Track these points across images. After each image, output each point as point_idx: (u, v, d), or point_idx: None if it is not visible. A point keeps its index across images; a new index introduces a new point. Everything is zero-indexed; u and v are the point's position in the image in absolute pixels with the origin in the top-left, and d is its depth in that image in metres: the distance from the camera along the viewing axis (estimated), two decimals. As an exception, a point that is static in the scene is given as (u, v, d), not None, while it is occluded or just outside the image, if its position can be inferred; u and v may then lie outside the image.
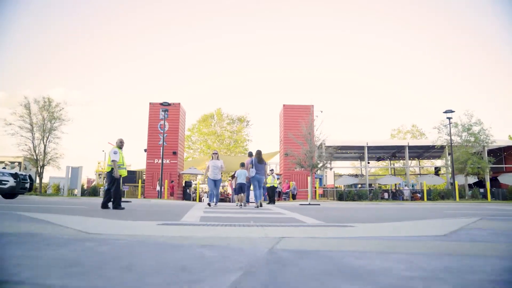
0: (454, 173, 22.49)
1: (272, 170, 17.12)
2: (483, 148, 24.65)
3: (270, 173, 15.23)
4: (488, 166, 23.66)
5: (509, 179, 26.01)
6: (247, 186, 11.21)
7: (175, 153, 24.10)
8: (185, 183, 26.03)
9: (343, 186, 29.19)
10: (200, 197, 23.77)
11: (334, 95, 76.99)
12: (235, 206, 10.59)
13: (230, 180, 24.71)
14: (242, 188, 10.72)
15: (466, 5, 66.39)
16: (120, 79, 76.88)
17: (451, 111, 21.60)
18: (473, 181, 26.85)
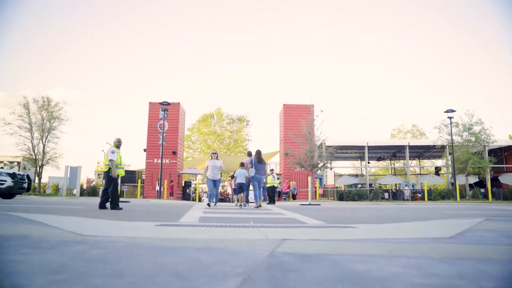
0: (455, 173, 22.38)
1: (272, 170, 17.02)
2: (483, 148, 24.54)
3: (270, 173, 15.13)
4: (489, 166, 23.56)
5: (510, 179, 25.90)
6: (247, 186, 11.11)
7: (174, 153, 24.00)
8: (184, 183, 25.94)
9: (343, 186, 29.08)
10: (199, 197, 23.67)
11: (334, 95, 76.97)
12: (235, 206, 10.50)
13: (230, 180, 24.61)
14: (242, 188, 10.65)
15: (466, 5, 66.29)
16: (120, 79, 76.87)
17: (452, 111, 21.46)
18: (474, 181, 26.74)
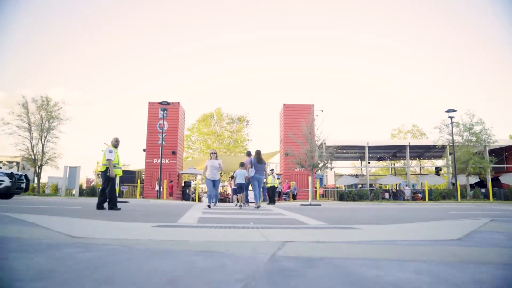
0: (456, 173, 22.27)
1: (272, 170, 16.92)
2: (484, 148, 24.42)
3: (270, 173, 15.03)
4: (490, 166, 23.44)
5: (511, 179, 25.79)
6: (246, 186, 11.02)
7: (174, 153, 23.89)
8: (184, 183, 25.83)
9: (344, 186, 28.98)
10: (199, 197, 23.57)
11: (334, 95, 76.86)
12: (235, 206, 10.40)
13: (230, 180, 24.50)
14: (242, 188, 10.55)
15: (466, 5, 66.21)
16: (120, 79, 76.73)
17: (453, 110, 21.32)
18: (475, 181, 26.62)
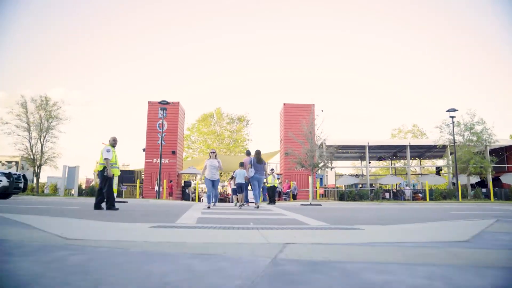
0: (457, 173, 22.17)
1: (272, 170, 16.83)
2: (485, 148, 24.32)
3: (270, 173, 14.94)
4: (491, 165, 23.34)
5: (512, 178, 25.71)
6: (246, 186, 10.93)
7: (174, 153, 23.80)
8: (184, 183, 25.73)
9: (344, 186, 28.89)
10: (199, 197, 23.47)
11: (334, 95, 76.69)
12: (234, 206, 10.32)
13: (229, 180, 24.41)
14: (241, 188, 10.47)
15: (466, 5, 66.10)
16: (120, 79, 76.55)
17: (454, 110, 21.21)
18: (475, 181, 26.51)
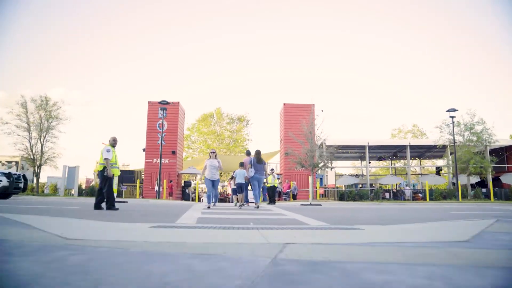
0: (457, 173, 22.15)
1: (272, 170, 16.83)
2: (485, 148, 24.31)
3: (270, 173, 14.94)
4: (491, 165, 23.33)
5: (512, 178, 25.70)
6: (246, 186, 10.93)
7: (174, 153, 23.80)
8: (184, 183, 25.73)
9: (344, 186, 28.88)
10: (199, 197, 23.46)
11: (334, 95, 76.68)
12: (234, 206, 10.32)
13: (229, 180, 24.41)
14: (241, 188, 10.47)
15: (466, 5, 66.09)
16: (120, 79, 76.54)
17: (455, 110, 21.19)
18: (475, 181, 26.51)
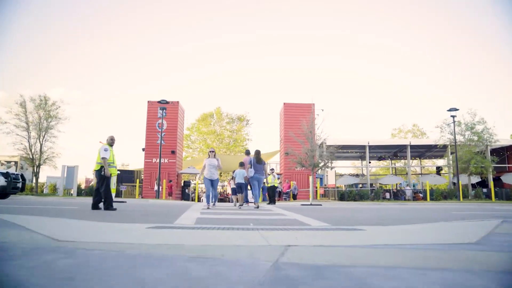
0: (458, 173, 22.05)
1: (272, 170, 16.73)
2: (486, 148, 24.22)
3: (270, 173, 14.85)
4: (492, 165, 23.23)
5: (513, 178, 25.59)
6: (246, 186, 10.85)
7: (173, 152, 23.69)
8: (183, 183, 25.62)
9: (344, 186, 28.79)
10: (199, 197, 23.36)
11: (334, 94, 76.54)
12: (234, 206, 10.23)
13: (229, 180, 24.32)
14: (241, 188, 10.39)
15: (466, 5, 65.98)
16: (120, 79, 76.42)
17: (456, 109, 21.07)
18: (476, 180, 26.41)
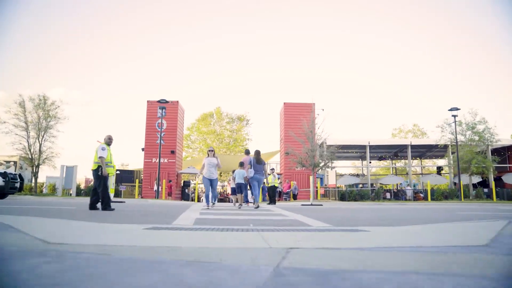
0: (459, 173, 21.93)
1: (272, 169, 16.62)
2: (487, 147, 24.11)
3: (270, 172, 14.75)
4: (493, 165, 23.13)
5: (514, 178, 25.47)
6: (245, 186, 10.75)
7: (173, 152, 23.58)
8: (183, 183, 25.52)
9: (344, 186, 28.68)
10: (199, 197, 23.25)
11: (334, 94, 76.39)
12: (234, 207, 10.13)
13: (229, 180, 24.22)
14: (241, 188, 10.29)
15: (466, 5, 65.86)
16: (120, 79, 76.28)
17: (457, 109, 20.95)
18: (477, 180, 26.29)
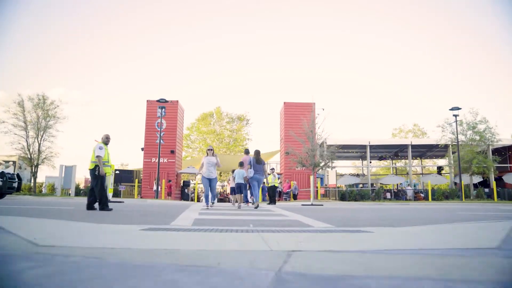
0: (461, 173, 21.83)
1: (272, 169, 16.53)
2: (487, 147, 24.02)
3: (270, 172, 14.66)
4: (494, 165, 23.03)
5: (514, 178, 25.37)
6: (245, 186, 10.67)
7: (173, 152, 23.49)
8: (183, 183, 25.42)
9: (345, 186, 28.58)
10: (198, 197, 23.16)
11: (334, 94, 76.22)
12: (233, 207, 10.04)
13: (229, 180, 24.11)
14: (240, 189, 10.21)
15: (466, 5, 65.75)
16: (120, 79, 76.11)
17: (458, 108, 20.84)
18: (478, 180, 26.18)
